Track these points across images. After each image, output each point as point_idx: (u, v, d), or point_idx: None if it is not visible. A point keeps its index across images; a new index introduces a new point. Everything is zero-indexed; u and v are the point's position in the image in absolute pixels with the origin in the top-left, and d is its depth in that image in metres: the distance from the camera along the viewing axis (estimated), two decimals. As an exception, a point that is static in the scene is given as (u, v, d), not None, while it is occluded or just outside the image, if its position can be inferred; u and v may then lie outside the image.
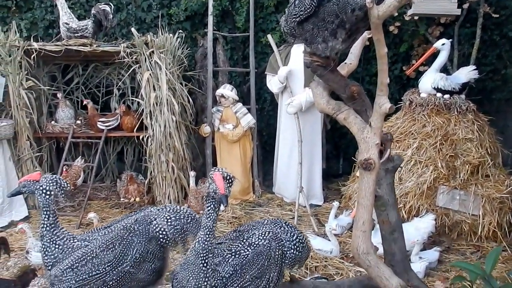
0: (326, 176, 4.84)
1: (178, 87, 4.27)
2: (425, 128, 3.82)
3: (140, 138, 4.33)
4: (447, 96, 3.83)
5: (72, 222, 4.07)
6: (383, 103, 1.95)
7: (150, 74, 4.11)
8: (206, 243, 1.82)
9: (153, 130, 4.21)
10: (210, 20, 4.59)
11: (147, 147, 4.30)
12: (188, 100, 4.41)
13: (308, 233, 3.69)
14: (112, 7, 4.36)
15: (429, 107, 3.85)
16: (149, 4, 4.88)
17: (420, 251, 3.18)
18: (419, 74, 4.25)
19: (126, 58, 4.12)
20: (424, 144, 3.76)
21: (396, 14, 4.27)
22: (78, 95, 5.05)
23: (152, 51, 4.09)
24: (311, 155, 4.39)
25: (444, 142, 3.72)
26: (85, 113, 4.85)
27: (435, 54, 3.89)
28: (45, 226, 1.98)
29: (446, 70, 4.24)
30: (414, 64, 4.27)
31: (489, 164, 3.71)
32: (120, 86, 4.90)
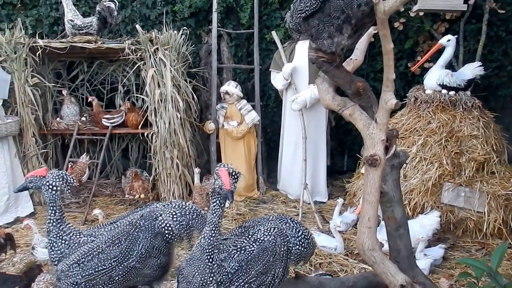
0: (331, 173, 4.83)
1: (183, 84, 4.27)
2: (430, 125, 3.80)
3: (145, 135, 4.34)
4: (452, 92, 3.81)
5: (77, 218, 4.09)
6: (389, 99, 1.94)
7: (155, 71, 4.11)
8: (212, 238, 1.83)
9: (157, 127, 4.22)
10: (215, 17, 4.58)
11: (151, 143, 4.30)
12: (193, 97, 4.41)
13: (313, 230, 3.68)
14: (117, 4, 4.35)
15: (434, 104, 3.84)
16: (153, 1, 4.88)
17: (425, 248, 3.18)
18: (424, 70, 4.23)
19: (130, 55, 4.13)
20: (429, 141, 3.75)
21: (402, 9, 4.25)
22: (83, 92, 5.06)
23: (157, 48, 4.09)
24: (316, 152, 4.39)
25: (449, 139, 3.71)
26: (90, 110, 4.87)
27: (440, 51, 3.87)
28: (51, 222, 1.99)
29: (451, 67, 4.22)
30: (419, 60, 4.25)
31: (494, 161, 3.70)
32: (124, 83, 4.91)
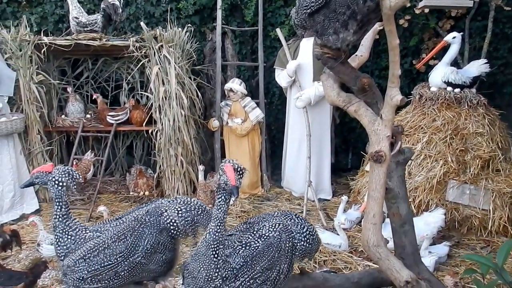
0: (335, 170, 4.83)
1: (187, 81, 4.27)
2: (435, 122, 3.79)
3: (149, 132, 4.36)
4: (457, 90, 3.80)
5: (82, 215, 4.10)
6: (394, 95, 1.93)
7: (159, 68, 4.12)
8: (217, 234, 1.83)
9: (162, 124, 4.23)
10: (219, 14, 4.58)
11: (156, 141, 4.32)
12: (197, 94, 4.41)
13: (317, 227, 3.68)
14: (121, 1, 4.36)
15: (439, 101, 3.82)
16: (158, -1, 4.89)
17: (429, 245, 3.17)
18: (429, 68, 4.22)
19: (135, 52, 4.14)
20: (434, 138, 3.73)
21: (408, 5, 4.23)
22: (87, 89, 5.08)
23: (161, 45, 4.09)
24: (320, 149, 4.39)
25: (454, 136, 3.70)
26: (94, 107, 4.88)
27: (445, 48, 3.85)
28: (57, 217, 2.00)
29: (456, 64, 4.20)
30: (424, 58, 4.23)
31: (499, 158, 3.68)
32: (129, 80, 4.92)
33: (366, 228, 2.04)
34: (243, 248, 1.92)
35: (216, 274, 1.83)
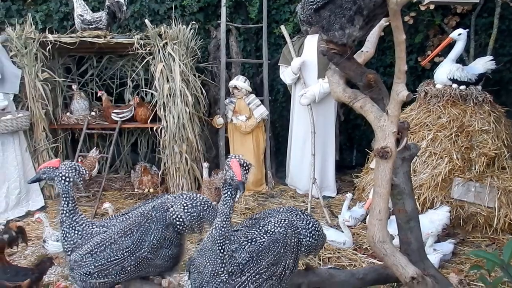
0: (339, 167, 4.83)
1: (191, 79, 4.28)
2: (440, 120, 3.79)
3: (154, 129, 4.37)
4: (463, 87, 3.79)
5: (87, 212, 4.12)
6: (400, 90, 1.92)
7: (164, 66, 4.13)
8: (223, 229, 1.83)
9: (166, 122, 4.24)
10: (223, 11, 4.58)
11: (160, 138, 4.33)
12: (201, 91, 4.42)
13: (321, 224, 3.68)
14: (126, -2, 4.39)
15: (444, 98, 3.82)
16: (162, -4, 4.90)
17: (434, 243, 3.16)
18: (435, 65, 4.20)
19: (139, 50, 4.15)
20: (439, 135, 3.73)
21: (414, 1, 4.22)
22: (92, 86, 5.10)
23: (166, 43, 4.10)
24: (324, 147, 4.38)
25: (459, 134, 3.69)
26: (99, 104, 4.90)
27: (451, 45, 3.84)
28: (64, 213, 2.00)
29: (462, 61, 4.19)
30: (429, 54, 4.22)
31: (505, 156, 3.68)
32: (134, 77, 4.94)
33: (372, 224, 2.04)
34: (249, 244, 1.92)
35: (222, 269, 1.84)
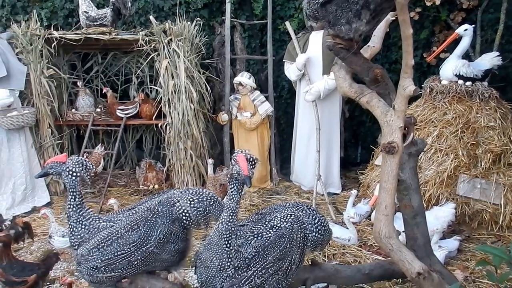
0: (344, 164, 4.81)
1: (196, 75, 4.28)
2: (446, 116, 3.77)
3: (159, 126, 4.37)
4: (469, 83, 3.77)
5: (92, 208, 4.12)
6: (407, 85, 1.92)
7: (169, 62, 4.13)
8: (230, 224, 1.84)
9: (171, 118, 4.24)
10: (228, 7, 4.57)
11: (165, 134, 4.34)
12: (206, 88, 4.42)
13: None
14: (131, -5, 4.38)
15: (450, 95, 3.79)
16: (167, -8, 4.89)
17: (439, 240, 3.15)
18: (440, 61, 4.18)
19: (144, 46, 4.15)
20: (445, 132, 3.71)
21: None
22: (97, 83, 5.10)
23: (170, 39, 4.10)
24: (329, 143, 4.37)
25: (465, 130, 3.67)
26: (104, 101, 4.90)
27: (456, 41, 3.82)
28: (71, 207, 2.02)
29: (468, 57, 4.17)
30: (435, 50, 4.20)
31: (511, 152, 3.65)
32: (138, 74, 4.93)
33: (378, 219, 2.04)
34: (255, 239, 1.93)
35: (228, 264, 1.84)
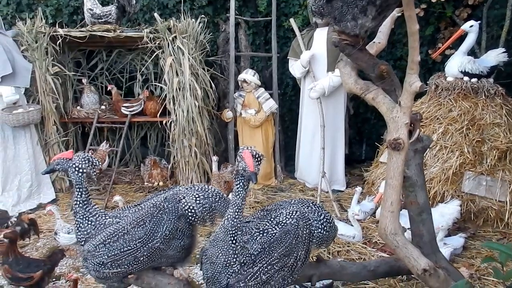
0: (349, 161, 4.81)
1: (201, 72, 4.28)
2: (451, 113, 3.75)
3: (163, 123, 4.39)
4: (474, 80, 3.75)
5: (97, 205, 4.11)
6: (413, 81, 1.91)
7: (173, 59, 4.13)
8: (235, 220, 1.84)
9: (176, 115, 4.25)
10: (232, 4, 4.56)
11: (170, 132, 4.35)
12: (211, 85, 4.42)
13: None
14: (135, -8, 4.38)
15: (455, 91, 3.78)
16: (171, -10, 4.89)
17: (444, 237, 3.14)
18: (445, 57, 4.15)
19: (149, 44, 4.16)
20: (450, 129, 3.70)
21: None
22: (102, 80, 5.12)
23: (175, 36, 4.10)
24: (334, 140, 4.37)
25: (471, 127, 3.66)
26: (109, 98, 4.92)
27: (462, 37, 3.79)
28: (78, 203, 2.03)
29: (473, 53, 4.14)
30: (440, 47, 4.18)
31: (517, 149, 3.64)
32: (143, 71, 4.95)
33: (384, 216, 2.04)
34: (261, 235, 1.93)
35: (234, 260, 1.85)
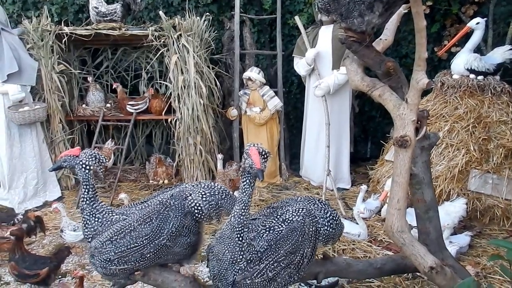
0: (354, 159, 4.80)
1: (206, 70, 4.28)
2: (457, 111, 3.74)
3: (168, 121, 4.39)
4: (480, 77, 3.73)
5: (103, 203, 4.16)
6: (420, 78, 1.91)
7: (178, 57, 4.14)
8: (242, 217, 1.84)
9: (181, 113, 4.25)
10: (237, 2, 4.56)
11: (175, 130, 4.35)
12: (216, 83, 4.42)
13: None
14: (140, -10, 4.39)
15: (461, 89, 3.76)
16: (176, -13, 4.89)
17: (450, 235, 3.13)
18: (451, 55, 4.14)
19: (154, 42, 4.17)
20: (456, 127, 3.68)
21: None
22: (107, 78, 5.13)
23: (180, 34, 4.10)
24: (339, 138, 4.36)
25: (477, 125, 3.64)
26: (114, 96, 4.93)
27: (468, 34, 3.78)
28: (85, 200, 2.04)
29: (479, 51, 4.12)
30: (446, 44, 4.16)
31: (524, 147, 3.62)
32: (148, 69, 4.96)
33: (390, 213, 2.03)
34: (267, 232, 1.93)
35: (240, 257, 1.85)
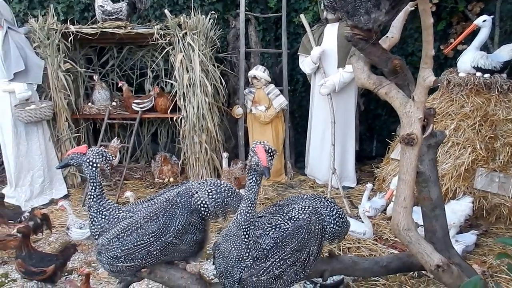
0: (359, 158, 4.79)
1: (211, 69, 4.28)
2: (463, 109, 3.72)
3: (174, 119, 4.40)
4: (487, 75, 3.71)
5: (110, 200, 4.17)
6: (427, 76, 1.90)
7: (183, 56, 4.14)
8: (248, 215, 1.84)
9: (186, 112, 4.26)
10: (242, 0, 4.55)
11: (180, 128, 4.36)
12: (221, 81, 4.42)
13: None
14: (146, -11, 4.40)
15: (468, 87, 3.74)
16: (181, -14, 4.89)
17: (456, 234, 3.12)
18: (457, 53, 4.12)
19: (159, 40, 4.18)
20: (462, 125, 3.67)
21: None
22: (113, 77, 5.15)
23: (185, 33, 4.11)
24: (344, 137, 4.35)
25: (483, 123, 3.62)
26: (120, 95, 4.94)
27: (474, 32, 3.76)
28: (92, 197, 2.05)
29: (486, 48, 4.10)
30: (452, 42, 4.13)
31: (531, 145, 3.59)
32: (153, 68, 4.97)
33: (397, 211, 2.03)
34: (273, 230, 1.94)
35: (247, 254, 1.85)
